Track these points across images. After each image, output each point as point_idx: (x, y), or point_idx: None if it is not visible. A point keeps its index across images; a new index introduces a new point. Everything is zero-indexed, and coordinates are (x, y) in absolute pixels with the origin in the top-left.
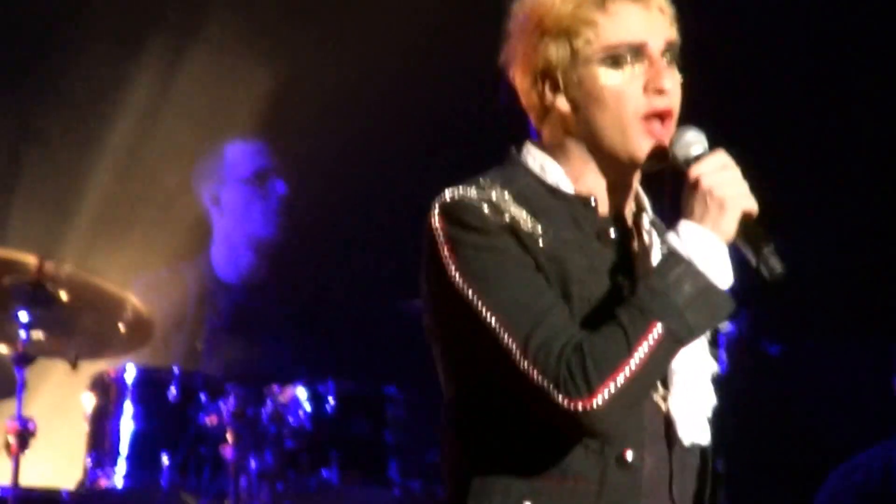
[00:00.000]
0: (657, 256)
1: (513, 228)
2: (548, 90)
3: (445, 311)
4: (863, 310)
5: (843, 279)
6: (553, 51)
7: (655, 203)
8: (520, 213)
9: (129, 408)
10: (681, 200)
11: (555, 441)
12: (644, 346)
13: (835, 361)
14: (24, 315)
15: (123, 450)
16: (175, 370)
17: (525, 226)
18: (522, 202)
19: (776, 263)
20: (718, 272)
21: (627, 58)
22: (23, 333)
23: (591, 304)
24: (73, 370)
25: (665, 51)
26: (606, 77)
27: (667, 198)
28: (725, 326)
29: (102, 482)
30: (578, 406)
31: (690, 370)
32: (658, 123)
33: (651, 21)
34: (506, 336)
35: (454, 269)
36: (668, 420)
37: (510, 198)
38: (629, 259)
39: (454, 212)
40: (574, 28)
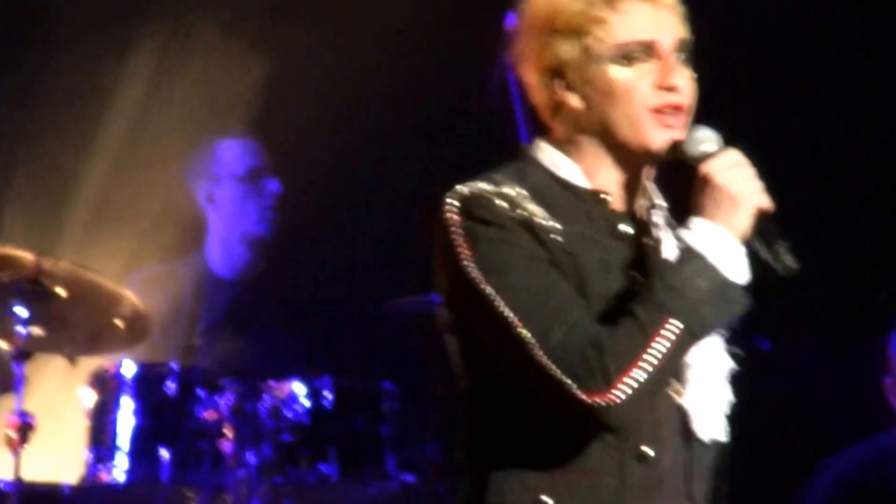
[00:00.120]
0: (669, 252)
1: (528, 223)
2: (559, 88)
3: (461, 306)
4: (853, 305)
5: (833, 275)
6: (564, 49)
7: (667, 200)
8: (534, 209)
9: (128, 403)
10: (691, 197)
11: (573, 435)
12: (659, 341)
13: (825, 357)
14: (22, 311)
15: (123, 444)
16: (173, 366)
17: (540, 221)
18: (537, 198)
19: (789, 260)
20: (733, 267)
21: (638, 55)
22: (21, 329)
23: (606, 299)
24: (72, 366)
25: (676, 49)
26: (617, 73)
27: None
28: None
29: (103, 476)
30: (596, 400)
31: (706, 367)
32: (670, 116)
33: (661, 19)
34: (522, 330)
35: (469, 264)
36: (685, 416)
37: (524, 193)
38: (642, 254)
39: (469, 206)
40: (584, 26)
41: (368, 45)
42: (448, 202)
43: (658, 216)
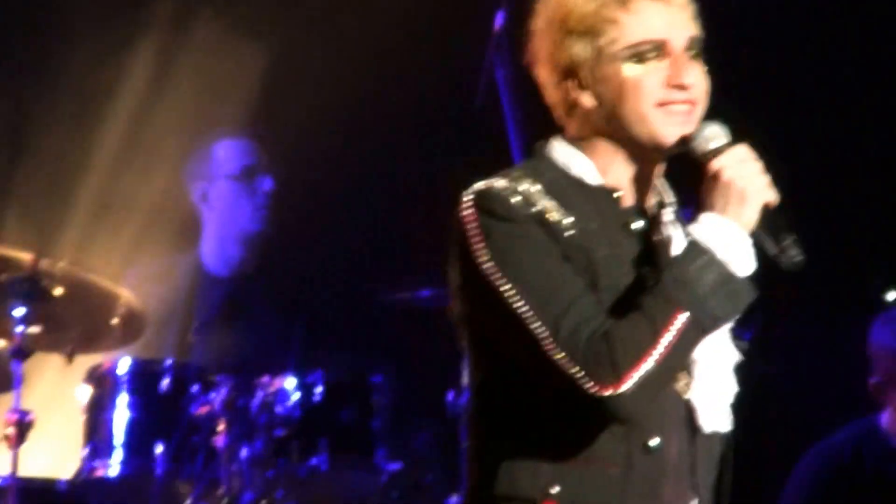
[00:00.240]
0: (679, 247)
1: (541, 219)
2: (572, 87)
3: (475, 299)
4: (844, 288)
5: (824, 258)
6: (577, 49)
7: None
8: (548, 205)
9: (124, 399)
10: (700, 193)
11: (582, 427)
12: (669, 334)
13: (815, 340)
14: (21, 310)
15: (118, 440)
16: (168, 362)
17: (553, 216)
18: (551, 194)
19: (796, 253)
20: (740, 261)
21: (650, 54)
22: (19, 328)
23: (617, 293)
24: (69, 363)
25: (687, 47)
26: (629, 71)
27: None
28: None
29: (99, 471)
30: (606, 392)
31: (713, 359)
32: (679, 112)
33: (672, 18)
34: (535, 323)
35: (484, 258)
36: (691, 408)
37: (539, 190)
38: (652, 249)
39: (484, 202)
40: (597, 27)
41: (365, 46)
42: (465, 198)
43: (669, 212)
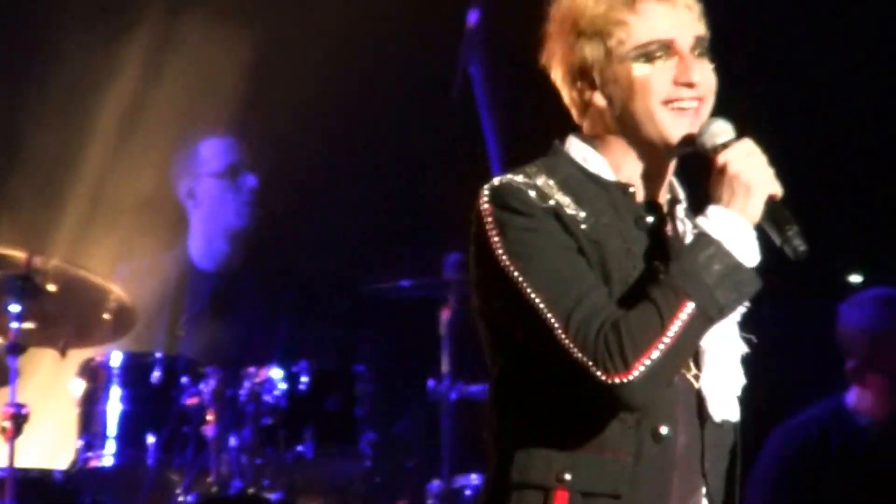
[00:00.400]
0: (689, 241)
1: (557, 213)
2: (586, 87)
3: (492, 291)
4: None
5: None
6: (588, 51)
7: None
8: (563, 199)
9: (116, 391)
10: (708, 186)
11: (593, 416)
12: (677, 323)
13: (786, 322)
14: (15, 307)
15: (111, 431)
16: (158, 355)
17: (568, 211)
18: (566, 189)
19: (800, 243)
20: (746, 252)
21: (658, 54)
22: (14, 324)
23: (628, 286)
24: (63, 358)
25: (694, 46)
26: (638, 71)
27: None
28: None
29: (93, 462)
30: (615, 380)
31: (720, 349)
32: (687, 109)
33: (678, 18)
34: (548, 314)
35: (500, 250)
36: (700, 397)
37: (555, 185)
38: (664, 244)
39: (501, 196)
40: (607, 29)
41: (350, 43)
42: (482, 193)
43: (680, 208)
